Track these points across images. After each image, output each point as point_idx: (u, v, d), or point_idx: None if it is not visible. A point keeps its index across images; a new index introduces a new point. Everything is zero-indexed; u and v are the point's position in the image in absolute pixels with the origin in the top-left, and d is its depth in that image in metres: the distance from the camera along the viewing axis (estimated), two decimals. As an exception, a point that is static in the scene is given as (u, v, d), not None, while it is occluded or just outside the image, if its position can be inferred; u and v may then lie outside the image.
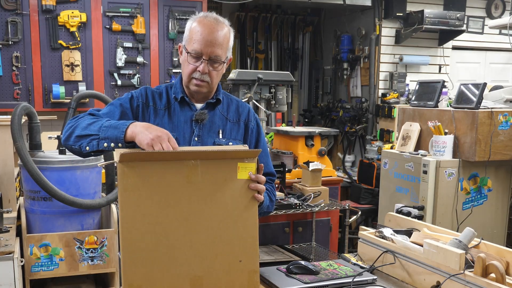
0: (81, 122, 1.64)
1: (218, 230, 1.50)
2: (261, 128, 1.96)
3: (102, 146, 1.56)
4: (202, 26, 1.70)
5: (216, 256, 1.50)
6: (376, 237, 1.93)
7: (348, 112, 5.91)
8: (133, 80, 4.65)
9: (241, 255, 1.52)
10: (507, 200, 3.68)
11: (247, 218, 1.53)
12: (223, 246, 1.51)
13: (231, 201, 1.51)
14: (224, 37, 1.72)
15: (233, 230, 1.51)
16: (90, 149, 1.58)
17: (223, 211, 1.50)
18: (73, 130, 1.63)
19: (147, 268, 1.44)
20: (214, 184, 1.49)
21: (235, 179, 1.48)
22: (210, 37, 1.69)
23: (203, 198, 1.48)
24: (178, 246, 1.47)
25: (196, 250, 1.48)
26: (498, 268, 1.50)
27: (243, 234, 1.53)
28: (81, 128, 1.61)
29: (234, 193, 1.51)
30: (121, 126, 1.53)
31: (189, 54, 1.71)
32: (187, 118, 1.78)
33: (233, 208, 1.51)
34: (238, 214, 1.52)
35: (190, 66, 1.72)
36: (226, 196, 1.50)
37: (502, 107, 3.56)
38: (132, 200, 1.43)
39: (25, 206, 2.76)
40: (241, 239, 1.52)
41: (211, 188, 1.49)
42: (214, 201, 1.49)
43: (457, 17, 5.32)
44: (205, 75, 1.72)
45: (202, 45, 1.69)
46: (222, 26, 1.72)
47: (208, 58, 1.70)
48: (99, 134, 1.55)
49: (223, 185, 1.50)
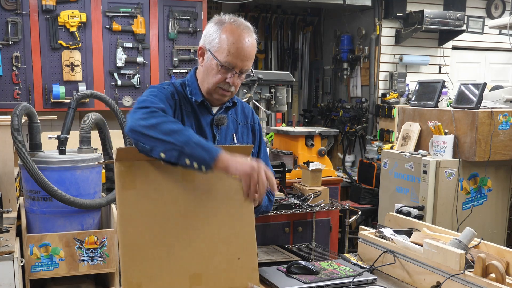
0: (162, 122, 1.45)
1: (216, 227, 1.50)
2: (262, 129, 1.96)
3: (183, 162, 1.41)
4: (237, 38, 1.65)
5: (215, 253, 1.50)
6: (376, 237, 1.93)
7: (348, 112, 5.91)
8: (133, 80, 4.65)
9: (239, 252, 1.53)
10: (507, 200, 3.68)
11: (243, 214, 1.53)
12: (221, 243, 1.51)
13: (226, 198, 1.51)
14: (254, 47, 1.70)
15: (230, 228, 1.52)
16: (167, 158, 1.42)
17: (219, 209, 1.50)
18: (150, 128, 1.44)
19: (146, 265, 1.44)
20: (209, 182, 1.49)
21: (230, 176, 1.46)
22: (244, 51, 1.65)
23: (199, 195, 1.49)
24: (176, 243, 1.47)
25: (194, 247, 1.48)
26: (498, 268, 1.50)
27: (241, 232, 1.53)
28: (162, 131, 1.43)
29: (229, 190, 1.51)
30: (213, 151, 1.40)
31: (222, 66, 1.66)
32: (207, 122, 1.76)
33: (229, 206, 1.52)
34: (235, 211, 1.52)
35: (219, 76, 1.68)
36: (221, 193, 1.50)
37: (502, 107, 3.56)
38: (130, 198, 1.43)
39: (25, 206, 2.76)
40: (239, 236, 1.53)
41: (206, 186, 1.49)
42: (210, 198, 1.50)
43: (457, 17, 5.32)
44: (232, 87, 1.70)
45: (236, 59, 1.65)
46: (251, 34, 1.69)
47: (239, 71, 1.68)
48: (184, 148, 1.40)
49: (218, 182, 1.50)
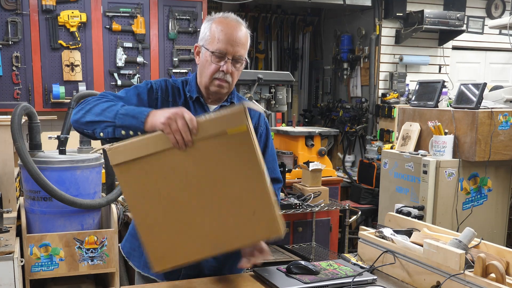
0: (94, 106, 1.54)
1: (223, 187, 1.47)
2: (270, 133, 1.94)
3: (119, 134, 1.48)
4: (225, 26, 1.69)
5: (228, 213, 1.47)
6: (376, 237, 1.93)
7: (348, 112, 5.91)
8: (133, 80, 4.65)
9: (253, 207, 1.47)
10: (507, 200, 3.68)
11: (249, 169, 1.46)
12: (232, 202, 1.48)
13: (227, 157, 1.45)
14: (246, 37, 1.72)
15: (238, 184, 1.47)
16: (105, 136, 1.51)
17: (222, 171, 1.46)
18: (85, 114, 1.54)
19: (164, 238, 1.46)
20: (207, 147, 1.44)
21: (227, 135, 1.41)
22: (234, 36, 1.68)
23: (200, 161, 1.45)
24: (188, 211, 1.47)
25: (206, 213, 1.47)
26: (498, 268, 1.49)
27: (250, 186, 1.47)
28: (94, 113, 1.53)
29: (229, 148, 1.44)
30: (140, 116, 1.45)
31: (213, 54, 1.68)
32: None
33: (232, 166, 1.46)
34: (239, 168, 1.46)
35: (213, 66, 1.70)
36: (222, 153, 1.45)
37: (502, 107, 3.56)
38: (134, 185, 1.45)
39: (25, 206, 2.76)
40: (249, 191, 1.47)
41: (206, 152, 1.44)
42: (211, 161, 1.45)
43: (457, 17, 5.32)
44: (228, 75, 1.71)
45: (226, 44, 1.67)
46: (241, 24, 1.72)
47: (232, 57, 1.69)
48: (115, 122, 1.48)
49: (217, 145, 1.44)
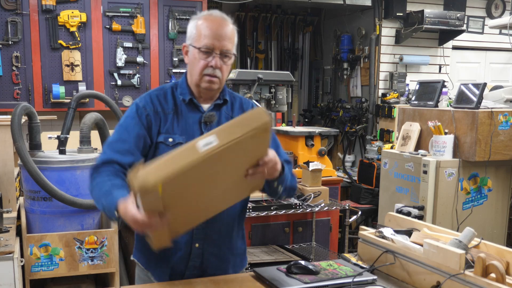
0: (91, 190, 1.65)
1: (237, 170, 1.52)
2: None
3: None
4: (210, 22, 1.70)
5: (234, 187, 1.59)
6: (376, 237, 1.93)
7: (348, 112, 5.91)
8: (133, 80, 4.65)
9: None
10: (507, 200, 3.68)
11: (263, 152, 1.52)
12: (240, 179, 1.54)
13: (251, 148, 1.48)
14: (232, 31, 1.73)
15: (247, 164, 1.53)
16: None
17: (244, 159, 1.50)
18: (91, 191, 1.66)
19: (174, 224, 1.49)
20: (237, 147, 1.45)
21: (255, 130, 1.44)
22: (220, 31, 1.68)
23: (228, 161, 1.47)
24: (206, 198, 1.52)
25: (220, 193, 1.55)
26: (498, 268, 1.49)
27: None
28: (94, 199, 1.65)
29: (254, 141, 1.46)
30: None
31: (200, 50, 1.68)
32: (195, 120, 1.76)
33: (252, 152, 1.50)
34: (255, 154, 1.52)
35: (201, 63, 1.69)
36: (247, 147, 1.47)
37: (502, 107, 3.56)
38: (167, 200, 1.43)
39: (25, 206, 2.76)
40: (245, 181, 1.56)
41: (235, 151, 1.45)
42: (239, 157, 1.48)
43: (457, 17, 5.32)
44: (217, 70, 1.70)
45: (213, 39, 1.67)
46: (228, 22, 1.73)
47: (219, 52, 1.69)
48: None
49: (246, 142, 1.45)
